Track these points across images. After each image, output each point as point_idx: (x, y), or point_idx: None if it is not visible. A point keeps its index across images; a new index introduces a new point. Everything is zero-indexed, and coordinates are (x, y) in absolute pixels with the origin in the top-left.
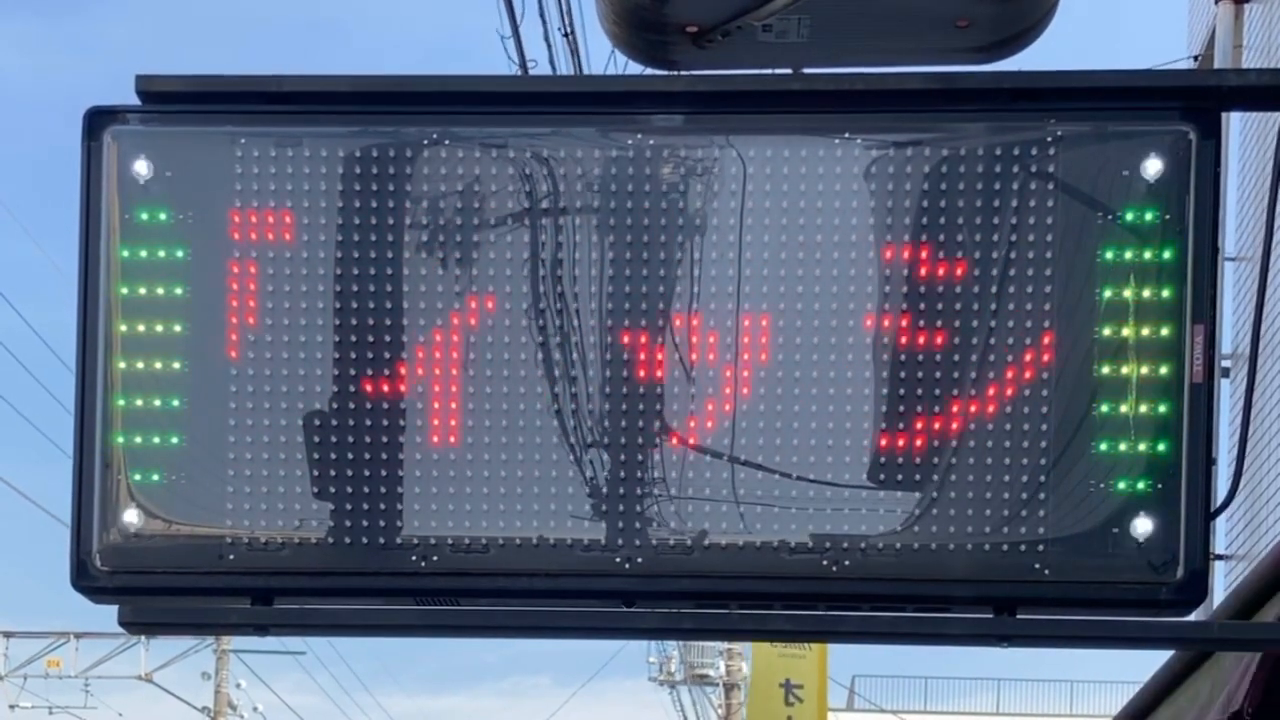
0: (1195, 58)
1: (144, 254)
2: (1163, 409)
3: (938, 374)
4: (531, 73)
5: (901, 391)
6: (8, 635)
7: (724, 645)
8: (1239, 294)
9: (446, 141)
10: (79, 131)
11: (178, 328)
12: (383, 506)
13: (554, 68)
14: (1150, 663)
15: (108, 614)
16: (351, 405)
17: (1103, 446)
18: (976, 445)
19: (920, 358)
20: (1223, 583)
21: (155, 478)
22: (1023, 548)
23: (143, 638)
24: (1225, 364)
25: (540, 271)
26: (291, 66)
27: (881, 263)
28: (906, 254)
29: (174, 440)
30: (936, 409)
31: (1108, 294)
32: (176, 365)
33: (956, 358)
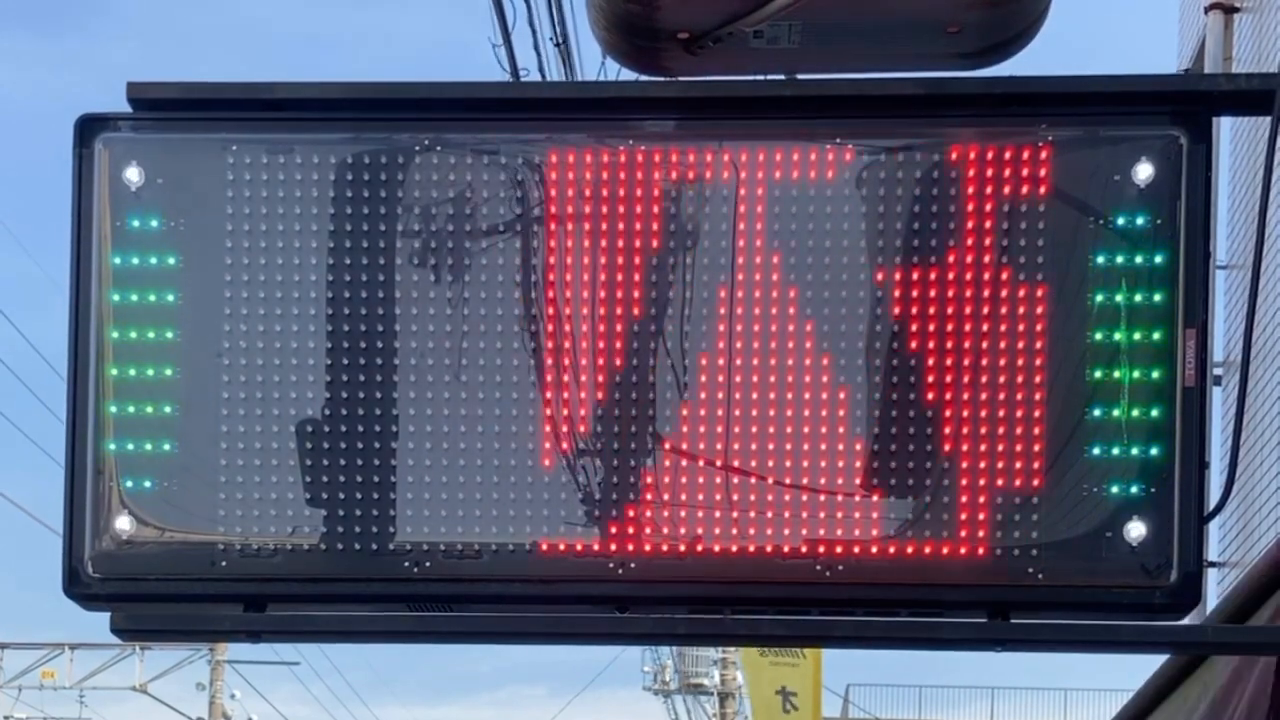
0: (1185, 71)
1: (135, 261)
2: (1155, 413)
3: (930, 378)
4: (523, 80)
5: (894, 396)
6: (3, 647)
7: (718, 654)
8: (1230, 302)
9: (439, 148)
10: (70, 143)
11: (169, 334)
12: (375, 513)
13: (544, 76)
14: (1145, 669)
15: (102, 625)
16: (344, 411)
17: (1096, 450)
18: (970, 450)
19: (913, 362)
20: (1215, 590)
21: (147, 484)
22: (1017, 552)
23: (137, 648)
24: (1217, 372)
25: (533, 277)
26: (287, 78)
27: (874, 267)
28: (898, 258)
29: (166, 447)
30: (929, 413)
31: (1099, 298)
32: (168, 372)
33: (949, 362)
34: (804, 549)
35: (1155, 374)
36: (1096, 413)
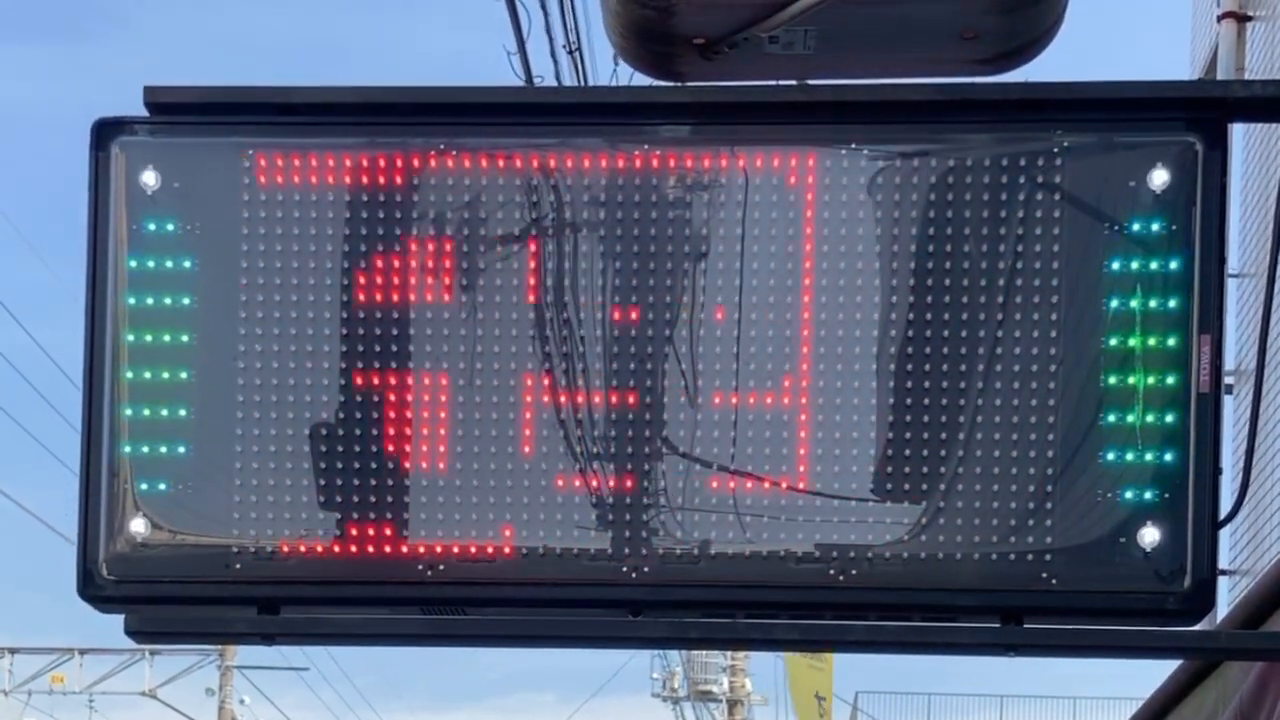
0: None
1: (151, 264)
2: (1170, 419)
3: (944, 383)
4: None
5: (908, 401)
6: (12, 651)
7: (728, 661)
8: (1242, 310)
9: (454, 152)
10: (86, 147)
11: (185, 338)
12: (389, 516)
13: (559, 83)
14: (1154, 678)
15: (112, 630)
16: (358, 415)
17: (1110, 456)
18: (983, 455)
19: (927, 366)
20: (1226, 598)
21: (162, 487)
22: (1030, 557)
23: (147, 653)
24: (1229, 380)
25: (546, 281)
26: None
27: (888, 273)
28: (913, 264)
29: (181, 450)
30: (943, 418)
31: (1114, 304)
32: (183, 375)
33: (963, 367)
34: (817, 553)
35: (1170, 380)
36: (1111, 418)
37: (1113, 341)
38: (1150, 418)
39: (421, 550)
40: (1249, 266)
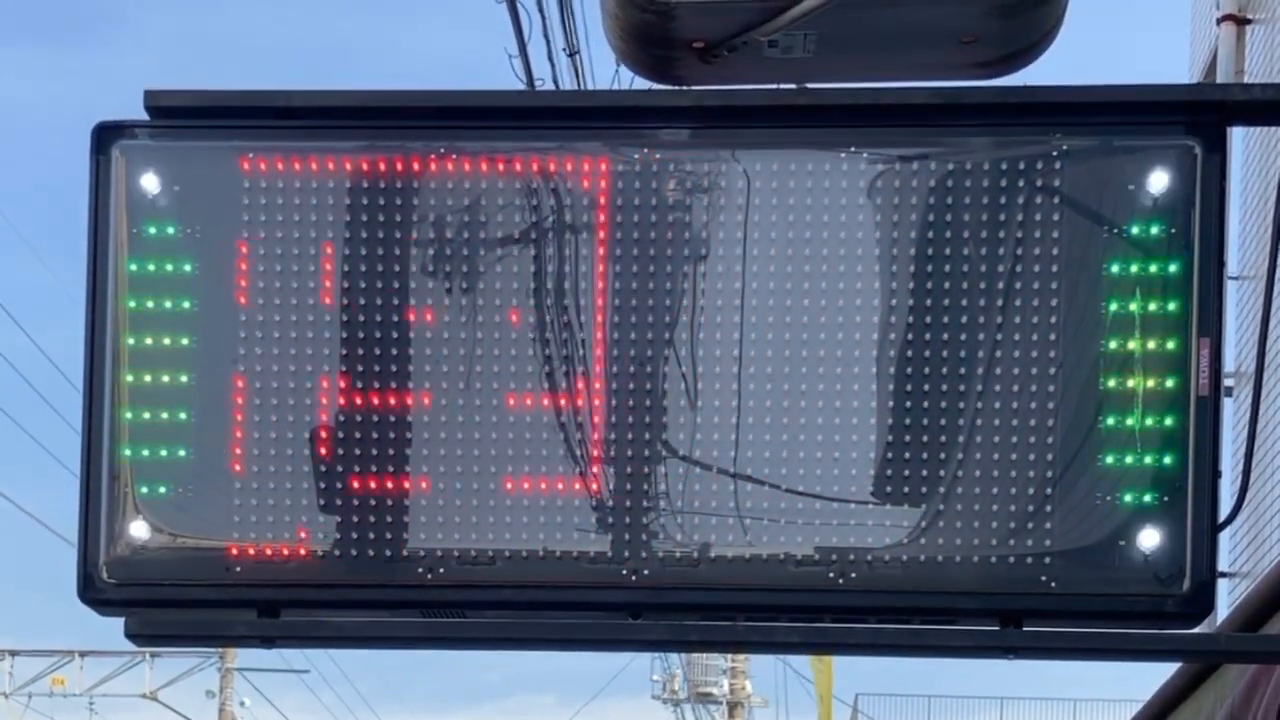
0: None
1: (152, 268)
2: (1169, 422)
3: (944, 386)
4: (538, 90)
5: (908, 404)
6: (13, 653)
7: (728, 663)
8: (1241, 312)
9: (453, 156)
10: (88, 150)
11: (185, 341)
12: (389, 519)
13: (559, 86)
14: (1154, 680)
15: (113, 632)
16: (358, 418)
17: (1109, 459)
18: (983, 458)
19: (928, 369)
20: (1226, 601)
21: (162, 490)
22: (1029, 560)
23: (147, 656)
24: (1228, 383)
25: (546, 285)
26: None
27: (887, 276)
28: (912, 268)
29: (181, 453)
30: (942, 421)
31: (1113, 308)
32: (184, 378)
33: (963, 370)
34: (817, 556)
35: (1169, 383)
36: (1110, 421)
37: (1112, 344)
38: (1149, 421)
39: (422, 553)
40: (1248, 269)
